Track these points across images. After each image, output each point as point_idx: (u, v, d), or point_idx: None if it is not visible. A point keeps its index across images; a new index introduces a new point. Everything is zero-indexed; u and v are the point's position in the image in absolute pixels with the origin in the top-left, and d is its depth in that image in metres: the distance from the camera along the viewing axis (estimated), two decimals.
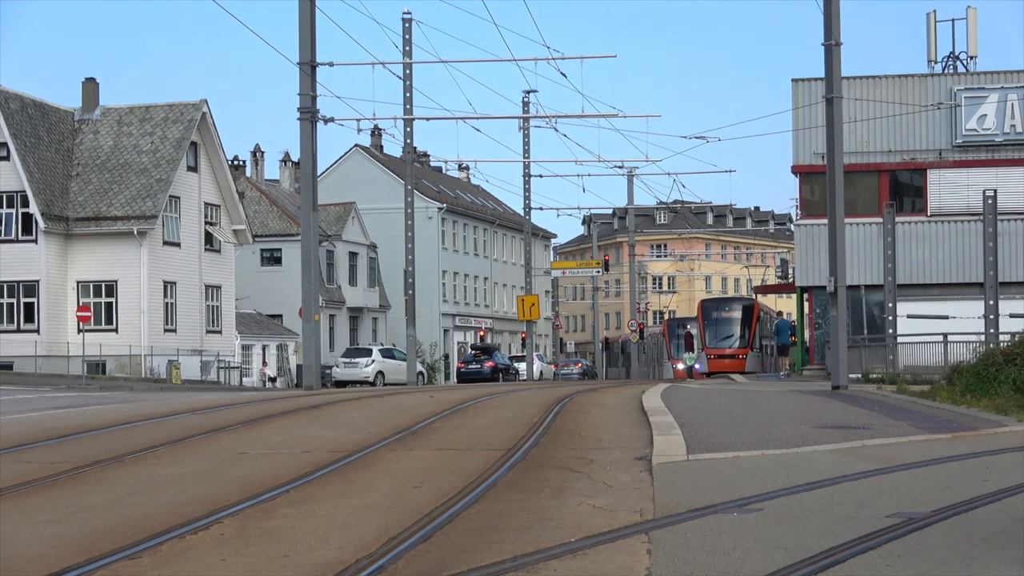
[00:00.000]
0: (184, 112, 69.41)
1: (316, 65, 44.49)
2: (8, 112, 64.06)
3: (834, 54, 36.06)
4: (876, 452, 16.56)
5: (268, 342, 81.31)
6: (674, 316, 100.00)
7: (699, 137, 59.95)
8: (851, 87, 47.23)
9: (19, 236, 64.55)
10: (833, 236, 36.21)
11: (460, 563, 9.46)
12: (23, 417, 26.64)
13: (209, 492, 13.52)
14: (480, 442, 18.29)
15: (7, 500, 13.30)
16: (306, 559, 9.82)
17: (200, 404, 28.93)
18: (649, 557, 9.60)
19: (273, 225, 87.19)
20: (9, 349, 63.30)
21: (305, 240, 45.18)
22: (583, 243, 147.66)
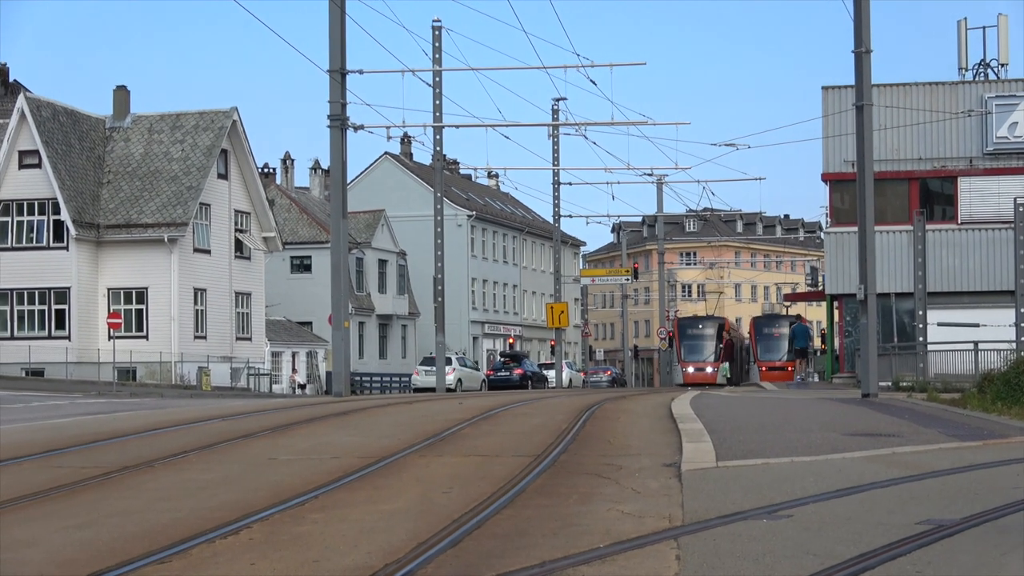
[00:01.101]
0: (215, 120, 69.60)
1: (346, 72, 44.54)
2: (40, 120, 64.34)
3: (864, 61, 35.96)
4: (906, 459, 16.49)
5: (298, 349, 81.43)
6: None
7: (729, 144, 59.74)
8: (881, 95, 47.10)
9: (50, 243, 64.82)
10: (863, 244, 36.10)
11: (489, 568, 9.45)
12: (54, 423, 26.75)
13: (238, 497, 13.54)
14: (509, 448, 18.28)
15: (38, 505, 13.35)
16: (335, 564, 9.83)
17: (230, 410, 28.98)
18: (678, 563, 9.58)
19: (303, 232, 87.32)
20: (40, 355, 63.54)
21: (335, 247, 45.22)
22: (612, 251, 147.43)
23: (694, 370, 75.50)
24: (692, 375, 74.79)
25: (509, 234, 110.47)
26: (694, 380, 71.87)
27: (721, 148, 59.26)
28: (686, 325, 79.29)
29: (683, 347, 77.28)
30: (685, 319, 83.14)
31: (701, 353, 76.67)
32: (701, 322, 79.55)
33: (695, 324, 79.06)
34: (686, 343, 77.30)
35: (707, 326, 78.35)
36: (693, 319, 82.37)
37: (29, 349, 63.49)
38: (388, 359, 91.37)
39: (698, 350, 76.74)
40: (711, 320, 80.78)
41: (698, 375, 74.38)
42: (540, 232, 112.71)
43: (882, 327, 42.21)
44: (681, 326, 79.22)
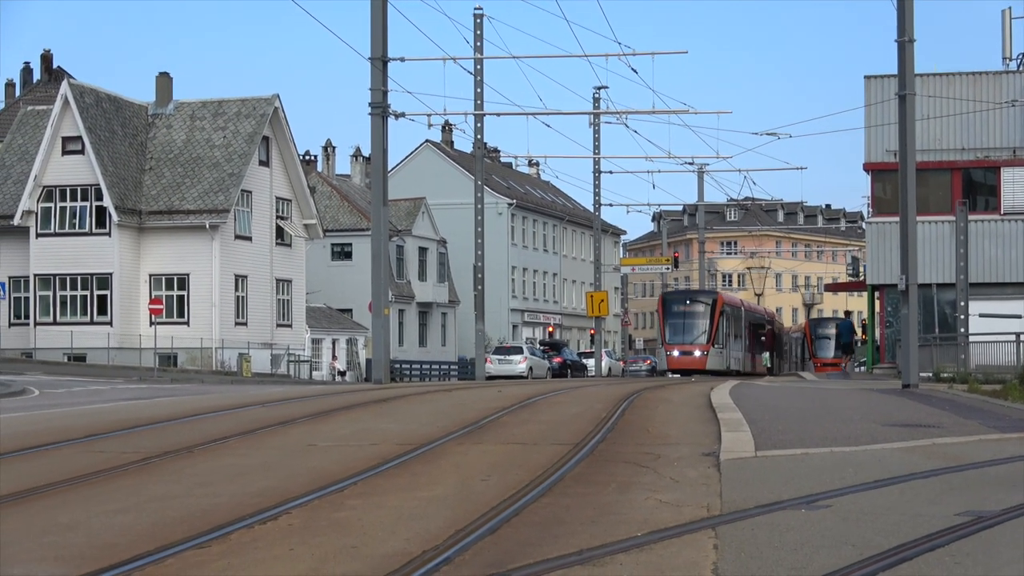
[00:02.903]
0: (256, 107, 69.79)
1: (387, 60, 44.58)
2: (83, 106, 64.63)
3: (907, 51, 35.77)
4: (946, 450, 16.42)
5: (338, 336, 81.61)
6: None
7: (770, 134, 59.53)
8: (924, 84, 46.87)
9: (93, 229, 65.13)
10: (905, 234, 35.93)
11: (526, 556, 9.46)
12: (95, 408, 26.91)
13: (277, 483, 13.58)
14: (547, 437, 18.28)
15: (79, 489, 13.43)
16: (373, 550, 9.85)
17: (270, 397, 29.09)
18: (716, 552, 9.57)
19: (344, 220, 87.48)
20: (82, 341, 63.90)
21: (375, 235, 45.29)
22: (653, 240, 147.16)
23: (679, 354, 65.08)
24: (677, 360, 64.98)
25: (549, 222, 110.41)
26: (679, 366, 64.15)
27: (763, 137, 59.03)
28: (672, 301, 68.75)
29: (667, 327, 66.65)
30: (671, 294, 73.94)
31: (688, 334, 65.71)
32: (690, 297, 69.62)
33: (682, 300, 68.72)
34: (671, 322, 66.58)
35: (697, 302, 67.68)
36: (681, 294, 74.55)
37: (71, 335, 63.86)
38: (428, 347, 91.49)
39: (685, 330, 65.88)
40: (702, 295, 70.93)
41: (684, 360, 64.60)
42: (580, 220, 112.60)
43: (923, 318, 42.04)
44: (666, 303, 68.54)
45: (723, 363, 65.20)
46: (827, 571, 8.73)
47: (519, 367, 68.13)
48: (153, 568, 9.27)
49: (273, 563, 9.43)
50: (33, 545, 10.28)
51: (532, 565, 9.13)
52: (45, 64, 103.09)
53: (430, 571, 9.00)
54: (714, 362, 64.52)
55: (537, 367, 69.39)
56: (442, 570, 9.05)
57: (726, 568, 8.95)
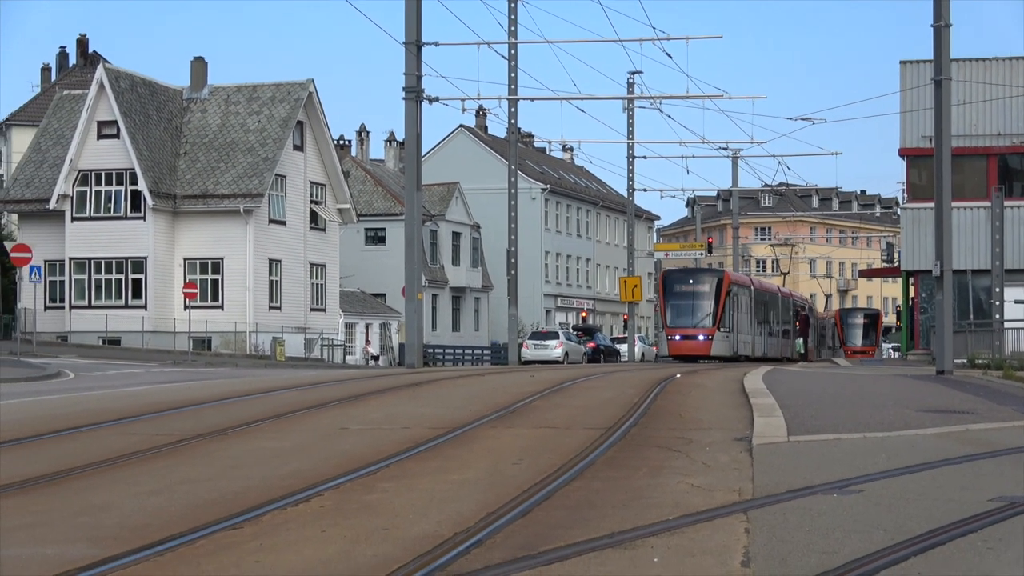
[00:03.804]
0: (291, 91, 69.92)
1: (422, 45, 44.58)
2: (118, 91, 64.87)
3: (944, 36, 35.59)
4: (980, 436, 16.37)
5: (371, 320, 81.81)
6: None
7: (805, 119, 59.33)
8: (960, 69, 46.60)
9: (128, 213, 65.40)
10: (940, 220, 35.79)
11: (557, 539, 9.47)
12: (129, 391, 27.03)
13: (310, 466, 13.62)
14: (579, 421, 18.29)
15: (113, 471, 13.50)
16: (405, 532, 9.88)
17: (303, 380, 29.18)
18: (747, 536, 9.57)
19: (377, 204, 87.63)
20: (117, 324, 64.17)
21: (409, 219, 45.33)
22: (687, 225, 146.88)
23: (681, 338, 60.38)
24: (679, 344, 60.39)
25: (583, 207, 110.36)
26: (681, 351, 59.75)
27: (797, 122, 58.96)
28: (673, 280, 63.06)
29: (668, 309, 61.66)
30: (673, 272, 66.40)
31: (692, 316, 60.77)
32: (693, 276, 63.42)
33: (685, 279, 62.90)
34: (673, 303, 61.52)
35: (701, 282, 62.33)
36: (683, 272, 66.27)
37: (106, 318, 64.16)
38: (461, 331, 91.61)
39: (688, 312, 60.91)
40: (707, 274, 65.52)
41: (686, 345, 60.04)
42: (614, 206, 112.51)
43: (958, 304, 41.83)
44: (667, 282, 63.10)
45: (730, 348, 61.12)
46: (858, 555, 8.72)
47: (555, 352, 67.93)
48: (185, 549, 9.32)
49: (305, 544, 9.47)
50: (67, 525, 10.35)
51: (563, 548, 9.14)
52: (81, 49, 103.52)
53: (461, 553, 9.02)
54: (720, 347, 60.16)
55: (573, 352, 69.20)
56: (473, 552, 9.06)
57: (757, 552, 8.94)
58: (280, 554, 9.10)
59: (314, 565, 8.74)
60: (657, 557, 8.84)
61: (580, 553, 8.96)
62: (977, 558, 8.71)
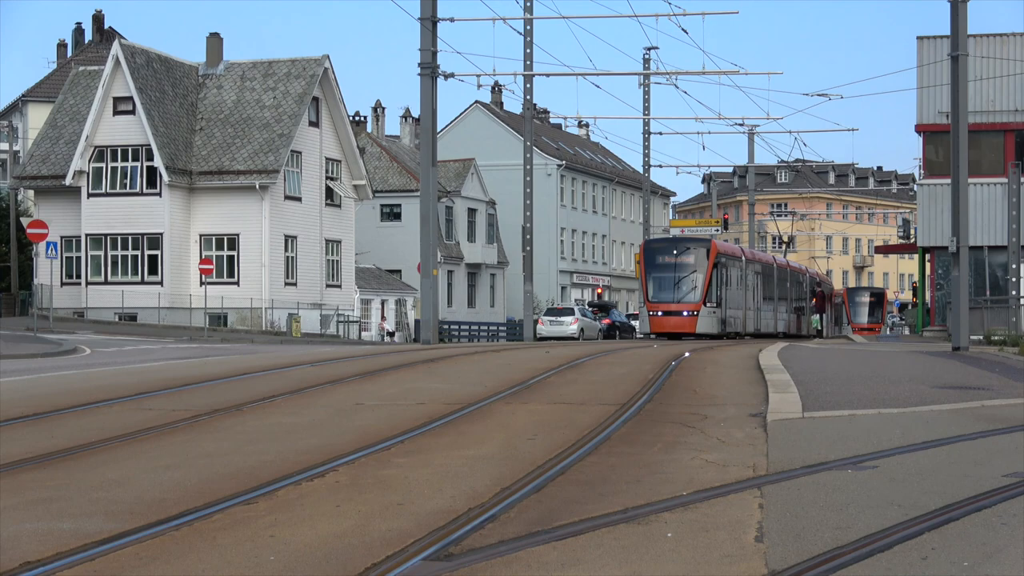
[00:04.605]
0: (306, 67, 69.86)
1: (437, 20, 44.57)
2: (134, 67, 64.86)
3: (960, 11, 35.47)
4: (995, 412, 16.36)
5: (387, 297, 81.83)
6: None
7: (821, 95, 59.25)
8: (977, 45, 46.44)
9: (144, 189, 65.43)
10: (957, 196, 35.72)
11: (571, 514, 9.50)
12: (146, 367, 27.10)
13: (325, 441, 13.66)
14: (594, 397, 18.31)
15: (129, 446, 13.55)
16: (419, 507, 9.91)
17: (319, 356, 29.22)
18: (761, 511, 9.58)
19: (393, 181, 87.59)
20: (134, 300, 64.29)
21: (424, 196, 45.37)
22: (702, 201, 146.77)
23: (664, 314, 55.70)
24: (661, 321, 55.78)
25: (599, 184, 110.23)
26: (664, 328, 55.43)
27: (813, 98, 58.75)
28: (656, 251, 57.91)
29: (650, 282, 56.74)
30: (655, 242, 61.42)
31: (675, 290, 56.03)
32: (677, 247, 57.84)
33: (668, 250, 57.63)
34: (654, 276, 56.72)
35: (685, 253, 56.90)
36: (666, 242, 60.85)
37: (122, 294, 64.27)
38: (477, 308, 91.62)
39: (671, 286, 56.20)
40: (692, 243, 59.01)
41: (669, 321, 55.51)
42: (630, 182, 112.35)
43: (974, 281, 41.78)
44: (648, 253, 57.91)
45: (717, 325, 56.60)
46: (872, 531, 8.73)
47: (570, 328, 67.99)
48: (201, 523, 9.36)
49: (319, 519, 9.50)
50: (84, 500, 10.39)
51: (577, 523, 9.16)
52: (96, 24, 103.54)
53: (475, 528, 9.04)
54: (706, 324, 55.67)
55: (588, 328, 69.23)
56: (487, 527, 9.09)
57: (771, 527, 8.96)
58: (295, 529, 9.14)
59: (329, 540, 8.77)
60: (671, 532, 8.86)
61: (594, 528, 8.98)
62: (991, 534, 8.71)
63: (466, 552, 8.30)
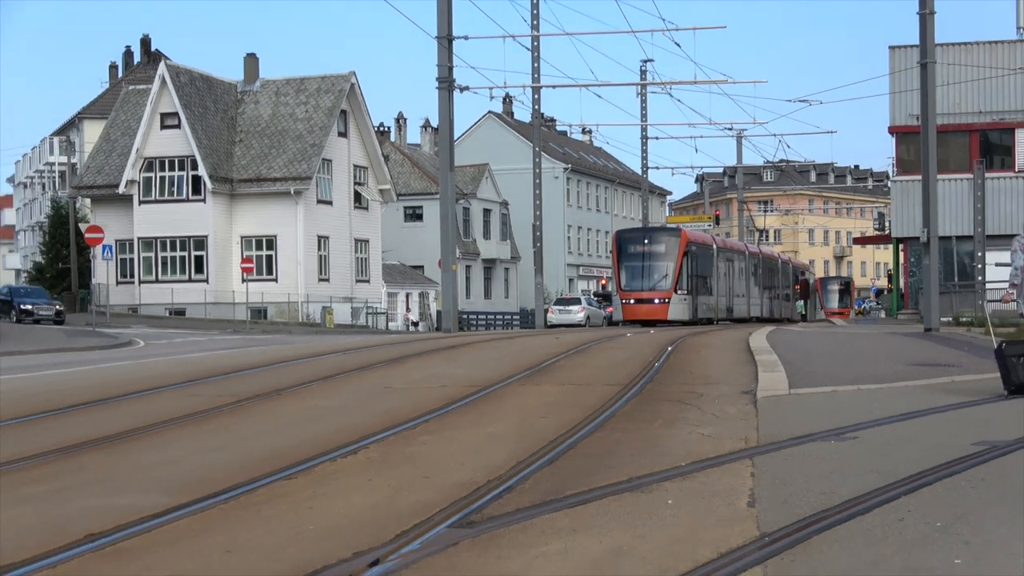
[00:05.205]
0: (335, 83, 69.94)
1: (453, 39, 44.54)
2: (178, 85, 64.95)
3: (928, 22, 35.43)
4: (964, 387, 16.33)
5: (411, 290, 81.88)
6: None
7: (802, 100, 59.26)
8: (944, 53, 46.37)
9: (189, 196, 65.58)
10: (927, 191, 35.69)
11: (580, 484, 9.50)
12: (194, 357, 27.14)
13: (357, 422, 13.65)
14: (599, 378, 18.29)
15: (179, 428, 13.57)
16: (444, 480, 9.91)
17: (350, 345, 29.23)
18: (752, 479, 9.57)
19: (415, 185, 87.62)
20: (182, 297, 64.44)
21: (444, 198, 45.37)
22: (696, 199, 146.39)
23: (636, 302, 52.42)
24: (633, 309, 52.44)
25: (602, 185, 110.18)
26: (637, 316, 51.98)
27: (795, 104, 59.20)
28: (627, 240, 54.47)
29: (622, 271, 53.54)
30: (627, 232, 57.91)
31: (647, 279, 52.65)
32: (648, 236, 54.60)
33: (639, 239, 54.18)
34: (626, 265, 53.46)
35: (656, 242, 53.63)
36: (637, 232, 57.62)
37: (172, 291, 64.43)
38: (492, 299, 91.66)
39: (642, 274, 52.85)
40: (663, 233, 56.37)
41: (641, 309, 52.11)
42: (630, 183, 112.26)
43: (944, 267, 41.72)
44: (621, 243, 54.60)
45: (689, 311, 53.24)
46: (854, 495, 8.73)
47: (578, 316, 68.31)
48: (246, 497, 9.38)
49: (353, 492, 9.52)
50: (140, 477, 10.42)
51: (586, 492, 9.16)
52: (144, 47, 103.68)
53: (494, 498, 9.05)
54: (677, 311, 52.42)
55: (594, 316, 69.33)
56: (505, 497, 9.09)
57: (762, 493, 8.96)
58: (331, 501, 9.15)
59: (362, 511, 8.79)
60: (671, 499, 8.86)
61: (602, 497, 8.98)
62: (961, 496, 8.71)
63: (486, 520, 8.31)
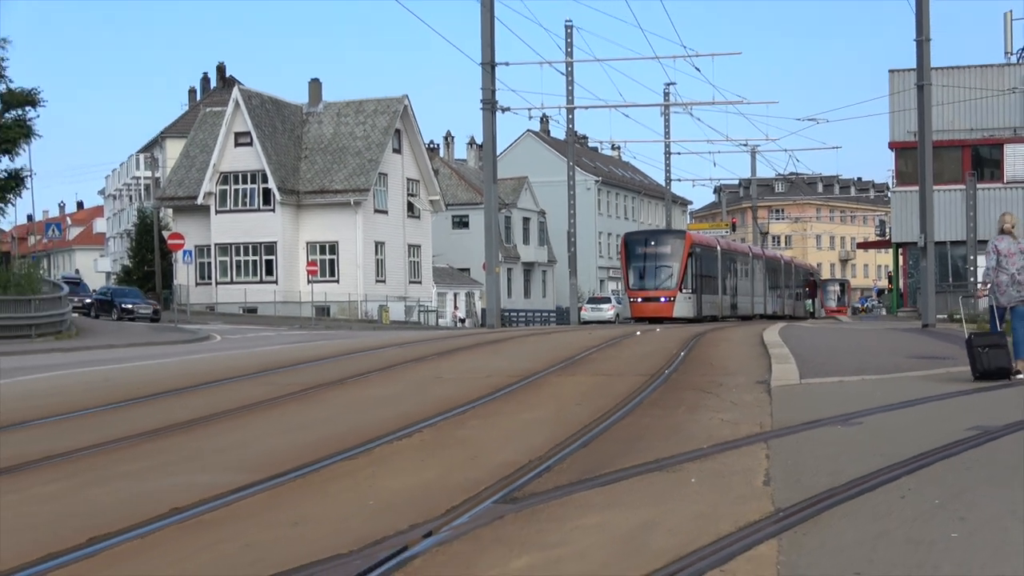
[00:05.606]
0: (390, 105, 70.10)
1: (495, 65, 44.57)
2: (250, 107, 65.27)
3: (924, 48, 35.23)
4: (959, 377, 16.21)
5: (458, 290, 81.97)
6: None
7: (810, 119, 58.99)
8: (939, 76, 46.12)
9: (260, 206, 65.88)
10: (923, 201, 35.48)
11: (612, 464, 9.48)
12: (264, 350, 27.25)
13: (410, 408, 13.66)
14: (629, 369, 18.25)
15: (252, 414, 13.63)
16: (489, 460, 9.91)
17: (404, 339, 29.28)
18: (767, 460, 9.53)
19: (461, 196, 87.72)
20: (254, 296, 64.73)
21: (487, 208, 45.39)
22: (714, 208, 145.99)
23: (643, 300, 51.19)
24: (641, 307, 51.18)
25: (629, 195, 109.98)
26: (644, 313, 50.79)
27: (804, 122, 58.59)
28: (635, 243, 53.05)
29: (630, 271, 52.15)
30: (634, 235, 55.40)
31: (653, 279, 51.40)
32: (655, 238, 53.14)
33: (646, 242, 52.82)
34: (634, 266, 52.04)
35: (662, 244, 52.20)
36: (644, 234, 55.23)
37: (245, 292, 64.72)
38: (531, 298, 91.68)
39: (649, 275, 51.55)
40: (668, 235, 54.32)
41: (649, 307, 50.82)
42: (654, 193, 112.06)
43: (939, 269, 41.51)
44: (629, 245, 53.13)
45: (693, 309, 51.86)
46: (860, 475, 8.68)
47: (608, 313, 68.40)
48: (312, 476, 9.40)
49: (409, 471, 9.53)
50: (219, 458, 10.46)
51: (617, 471, 9.15)
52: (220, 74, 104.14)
53: (535, 477, 9.04)
54: (682, 308, 51.06)
55: (623, 313, 69.10)
56: (544, 476, 9.09)
57: (776, 473, 8.92)
58: (389, 479, 9.17)
59: (416, 487, 8.80)
60: (694, 478, 8.84)
61: (631, 476, 8.97)
62: (957, 476, 8.65)
63: (528, 496, 8.30)
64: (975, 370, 15.67)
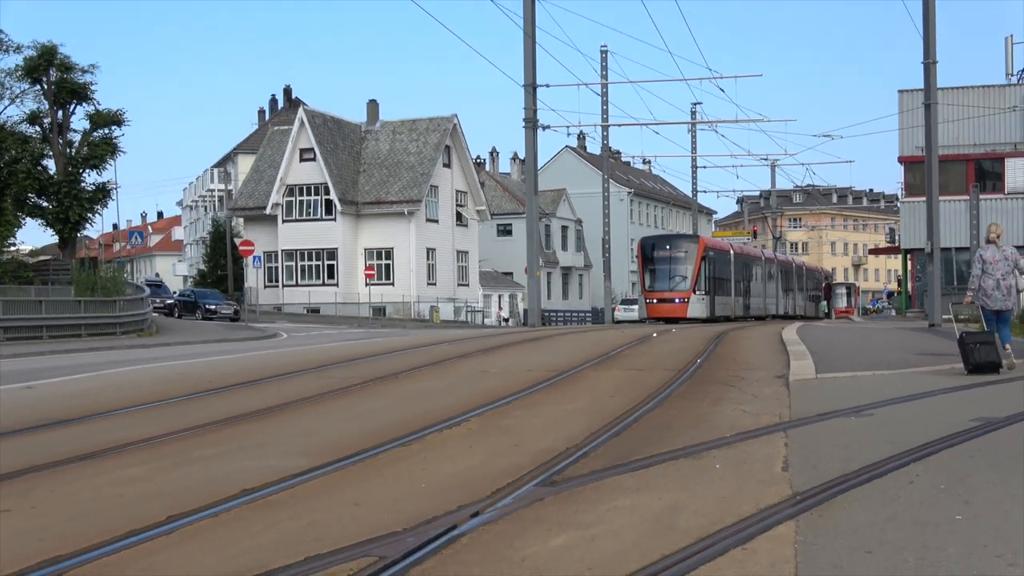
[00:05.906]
0: (440, 124, 70.22)
1: (536, 86, 44.55)
2: (314, 126, 65.58)
3: (931, 70, 34.97)
4: (962, 372, 16.05)
5: (502, 292, 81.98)
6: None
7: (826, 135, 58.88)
8: (945, 95, 45.75)
9: (323, 216, 66.16)
10: (930, 210, 35.20)
11: (643, 451, 9.47)
12: (326, 346, 27.35)
13: (459, 400, 13.69)
14: (658, 364, 18.21)
15: (315, 405, 13.69)
16: (531, 447, 9.92)
17: (453, 337, 29.32)
18: (786, 448, 9.50)
19: (505, 206, 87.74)
20: (317, 298, 65.01)
21: (529, 217, 45.38)
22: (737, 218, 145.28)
23: (658, 301, 49.77)
24: (656, 307, 49.73)
25: (659, 205, 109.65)
26: (659, 314, 49.35)
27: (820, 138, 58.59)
28: (651, 247, 51.52)
29: (647, 274, 50.72)
30: (650, 239, 53.27)
31: (668, 280, 49.99)
32: (670, 242, 51.70)
33: (662, 245, 51.31)
34: (650, 269, 50.64)
35: (677, 248, 50.74)
36: (660, 239, 53.41)
37: (308, 293, 65.01)
38: (569, 300, 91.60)
39: (664, 277, 50.10)
40: (683, 240, 52.82)
41: (664, 308, 49.43)
42: (682, 204, 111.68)
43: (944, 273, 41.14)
44: (645, 249, 51.59)
45: (707, 310, 50.35)
46: (871, 462, 8.63)
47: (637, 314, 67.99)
48: (370, 460, 9.44)
49: (457, 456, 9.55)
50: (284, 444, 10.52)
51: (648, 458, 9.14)
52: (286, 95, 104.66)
53: (573, 462, 9.05)
54: (696, 309, 49.59)
55: None
56: (581, 462, 9.09)
57: (794, 459, 8.88)
58: (439, 463, 9.20)
59: (465, 471, 8.82)
60: (719, 464, 8.81)
61: (661, 462, 8.95)
62: (961, 463, 8.58)
63: (566, 480, 8.31)
64: (967, 364, 15.82)
